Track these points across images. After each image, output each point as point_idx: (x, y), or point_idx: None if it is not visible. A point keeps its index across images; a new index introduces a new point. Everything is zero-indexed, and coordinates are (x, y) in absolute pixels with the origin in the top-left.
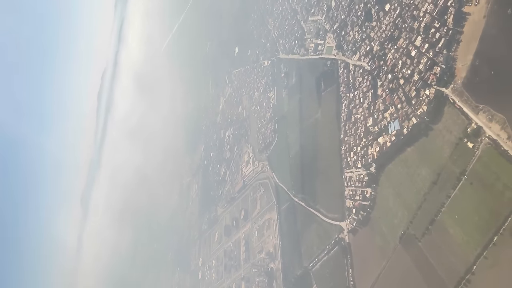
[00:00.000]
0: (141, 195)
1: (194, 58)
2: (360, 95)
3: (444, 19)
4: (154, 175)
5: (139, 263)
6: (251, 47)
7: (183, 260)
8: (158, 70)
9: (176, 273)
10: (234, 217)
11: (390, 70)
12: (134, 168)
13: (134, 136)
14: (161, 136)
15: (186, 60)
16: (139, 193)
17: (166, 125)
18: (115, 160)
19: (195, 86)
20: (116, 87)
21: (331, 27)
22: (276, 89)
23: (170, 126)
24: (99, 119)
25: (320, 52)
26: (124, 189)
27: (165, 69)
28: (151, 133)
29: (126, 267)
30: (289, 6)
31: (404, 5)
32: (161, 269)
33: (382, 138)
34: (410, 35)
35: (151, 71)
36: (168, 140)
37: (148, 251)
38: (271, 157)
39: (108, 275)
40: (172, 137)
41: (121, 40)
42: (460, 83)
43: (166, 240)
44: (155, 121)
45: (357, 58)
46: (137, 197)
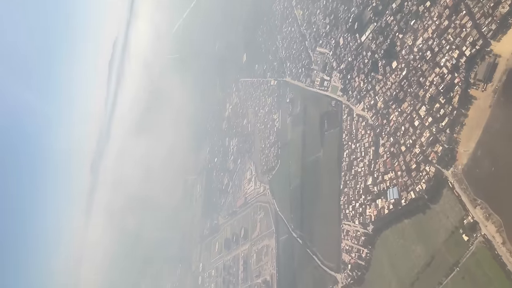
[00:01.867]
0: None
1: (203, 51)
2: (361, 149)
3: (450, 97)
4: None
5: (142, 252)
6: (259, 61)
7: (185, 258)
8: (166, 56)
9: (178, 269)
10: (234, 233)
11: (393, 133)
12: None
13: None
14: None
15: (195, 49)
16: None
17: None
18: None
19: (203, 81)
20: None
21: (338, 66)
22: (281, 113)
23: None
24: (110, 88)
25: (325, 89)
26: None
27: (174, 55)
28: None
29: (130, 251)
30: (298, 29)
31: (412, 68)
32: (164, 260)
33: (381, 202)
34: (415, 102)
35: (158, 58)
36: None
37: (153, 239)
38: (273, 182)
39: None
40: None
41: (132, 15)
42: (460, 169)
43: (170, 232)
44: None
45: (361, 108)
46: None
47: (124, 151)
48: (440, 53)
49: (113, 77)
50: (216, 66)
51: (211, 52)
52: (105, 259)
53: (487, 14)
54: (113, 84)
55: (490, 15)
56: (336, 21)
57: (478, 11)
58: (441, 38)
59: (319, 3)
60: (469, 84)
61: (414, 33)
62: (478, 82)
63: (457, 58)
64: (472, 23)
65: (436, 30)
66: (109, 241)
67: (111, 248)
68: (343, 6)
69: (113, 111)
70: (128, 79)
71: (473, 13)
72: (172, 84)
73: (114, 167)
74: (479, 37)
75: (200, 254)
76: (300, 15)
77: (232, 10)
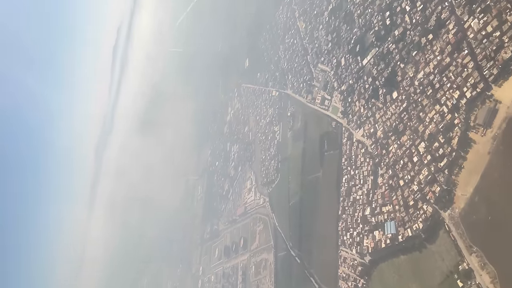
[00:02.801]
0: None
1: (206, 49)
2: (360, 176)
3: (449, 137)
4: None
5: (143, 249)
6: (261, 69)
7: (186, 258)
8: (169, 49)
9: (179, 269)
10: (234, 241)
11: (392, 165)
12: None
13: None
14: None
15: (199, 46)
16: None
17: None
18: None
19: (206, 79)
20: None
21: (339, 86)
22: (282, 126)
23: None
24: (114, 73)
25: (326, 108)
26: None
27: (178, 49)
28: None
29: (131, 248)
30: (300, 42)
31: (412, 101)
32: (165, 258)
33: (378, 234)
34: (414, 137)
35: (162, 50)
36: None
37: (154, 236)
38: (272, 196)
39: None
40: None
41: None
42: (457, 212)
43: (171, 231)
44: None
45: (361, 134)
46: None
47: (126, 145)
48: (441, 90)
49: (117, 64)
50: (219, 66)
51: (214, 52)
52: (106, 255)
53: (489, 57)
54: (117, 71)
55: (492, 59)
56: (338, 39)
57: (480, 52)
58: (442, 74)
59: (322, 19)
60: (469, 127)
61: (416, 65)
62: (478, 126)
63: (457, 99)
64: (474, 64)
65: (438, 65)
66: (110, 236)
67: (113, 243)
68: (346, 25)
69: (116, 100)
70: (131, 70)
71: (475, 54)
72: (175, 79)
73: (117, 157)
74: (480, 80)
75: (200, 257)
76: (302, 27)
77: (235, 12)
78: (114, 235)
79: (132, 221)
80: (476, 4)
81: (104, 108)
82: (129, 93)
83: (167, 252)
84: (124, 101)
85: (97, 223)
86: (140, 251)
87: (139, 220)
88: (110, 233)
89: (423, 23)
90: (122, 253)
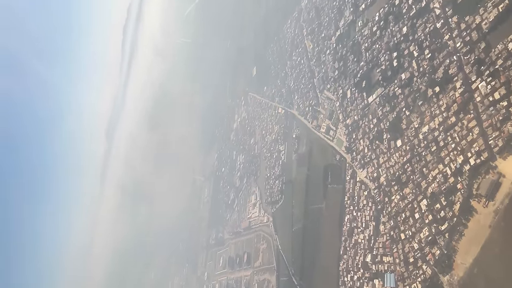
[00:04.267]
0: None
1: (215, 44)
2: (363, 219)
3: (451, 201)
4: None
5: (150, 244)
6: (268, 82)
7: (192, 259)
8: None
9: (185, 268)
10: (238, 254)
11: (393, 216)
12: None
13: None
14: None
15: (207, 40)
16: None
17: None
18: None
19: (215, 76)
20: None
21: (344, 119)
22: (287, 146)
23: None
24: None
25: (331, 138)
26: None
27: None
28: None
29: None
30: (307, 63)
31: (416, 154)
32: (171, 254)
33: (378, 283)
34: (417, 192)
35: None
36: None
37: (161, 231)
38: (276, 216)
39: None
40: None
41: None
42: (456, 280)
43: (178, 228)
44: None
45: (365, 176)
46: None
47: (135, 138)
48: (445, 149)
49: (127, 45)
50: (227, 65)
51: (222, 49)
52: (115, 243)
53: (495, 127)
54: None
55: (498, 129)
56: (345, 69)
57: (486, 119)
58: (447, 133)
59: (329, 43)
60: (471, 195)
61: (421, 116)
62: (481, 196)
63: (461, 164)
64: (479, 130)
65: (443, 123)
66: (120, 224)
67: (122, 232)
68: (353, 56)
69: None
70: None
71: (481, 119)
72: (184, 71)
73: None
74: (485, 148)
75: (206, 261)
76: (310, 48)
77: (243, 12)
78: (124, 222)
79: (141, 210)
80: (485, 66)
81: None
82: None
83: (174, 249)
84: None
85: (108, 206)
86: (147, 245)
87: (147, 213)
88: (119, 220)
89: (430, 73)
90: (130, 245)
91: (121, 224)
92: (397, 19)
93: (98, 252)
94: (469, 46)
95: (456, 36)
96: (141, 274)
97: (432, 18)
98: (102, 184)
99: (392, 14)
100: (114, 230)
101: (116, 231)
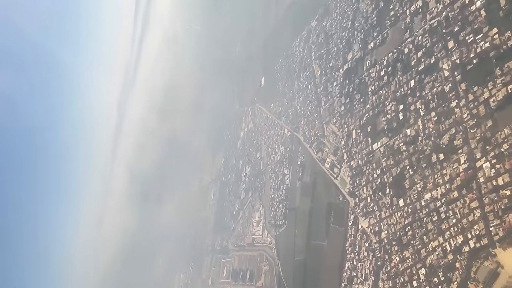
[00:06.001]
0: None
1: (224, 41)
2: (363, 271)
3: (449, 278)
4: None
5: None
6: (275, 99)
7: (197, 260)
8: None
9: (191, 267)
10: (241, 268)
11: (392, 277)
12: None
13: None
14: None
15: (216, 36)
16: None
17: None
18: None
19: (225, 75)
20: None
21: (348, 160)
22: (292, 171)
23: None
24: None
25: (335, 176)
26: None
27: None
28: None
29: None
30: (314, 90)
31: (418, 218)
32: (178, 248)
33: None
34: (416, 258)
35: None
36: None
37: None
38: (279, 241)
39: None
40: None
41: None
42: None
43: (184, 224)
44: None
45: (367, 226)
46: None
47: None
48: (446, 222)
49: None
50: (235, 69)
51: (232, 50)
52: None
53: (496, 214)
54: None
55: (499, 218)
56: (351, 106)
57: (488, 203)
58: (449, 206)
59: (336, 75)
60: (469, 277)
61: (424, 181)
62: (478, 281)
63: (461, 244)
64: (481, 213)
65: (445, 195)
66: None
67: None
68: (359, 95)
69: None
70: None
71: (483, 203)
72: (192, 62)
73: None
74: (485, 234)
75: (210, 266)
76: (318, 74)
77: (254, 16)
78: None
79: (150, 195)
80: (490, 146)
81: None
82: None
83: (180, 242)
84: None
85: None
86: (155, 232)
87: (155, 203)
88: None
89: (435, 137)
90: (138, 229)
91: (129, 211)
92: (405, 69)
93: (107, 230)
94: (476, 120)
95: (464, 106)
96: (149, 259)
97: (440, 78)
98: (112, 165)
99: (400, 62)
100: (122, 215)
101: (125, 216)
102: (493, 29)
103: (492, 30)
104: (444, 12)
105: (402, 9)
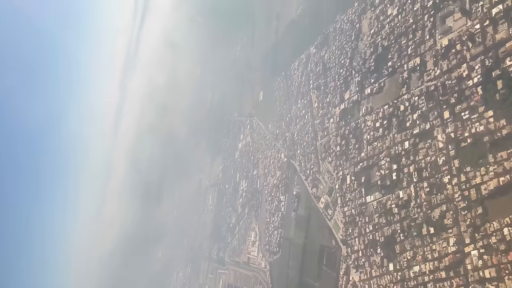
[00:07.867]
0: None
1: (226, 41)
2: None
3: None
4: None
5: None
6: (272, 121)
7: (195, 263)
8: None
9: (189, 268)
10: (236, 286)
11: None
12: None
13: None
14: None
15: (219, 34)
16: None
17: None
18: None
19: (222, 80)
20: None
21: (342, 205)
22: (287, 199)
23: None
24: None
25: (329, 218)
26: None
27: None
28: None
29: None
30: (311, 121)
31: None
32: (177, 246)
33: None
34: None
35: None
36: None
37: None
38: (273, 268)
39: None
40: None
41: None
42: None
43: (183, 222)
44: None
45: (358, 279)
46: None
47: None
48: None
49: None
50: (235, 76)
51: (231, 53)
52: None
53: None
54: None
55: None
56: (346, 149)
57: None
58: (436, 285)
59: (333, 112)
60: None
61: (414, 251)
62: None
63: None
64: None
65: (433, 272)
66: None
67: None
68: (355, 141)
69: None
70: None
71: None
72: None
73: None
74: None
75: (207, 273)
76: (315, 105)
77: (254, 22)
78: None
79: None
80: (479, 235)
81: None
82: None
83: (179, 240)
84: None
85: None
86: (156, 224)
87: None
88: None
89: (427, 208)
90: (139, 220)
91: (129, 203)
92: (400, 127)
93: (108, 218)
94: (467, 203)
95: (456, 185)
96: (149, 250)
97: (434, 148)
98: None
99: (396, 118)
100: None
101: (124, 209)
102: (489, 112)
103: (488, 112)
104: (441, 78)
105: (400, 62)
